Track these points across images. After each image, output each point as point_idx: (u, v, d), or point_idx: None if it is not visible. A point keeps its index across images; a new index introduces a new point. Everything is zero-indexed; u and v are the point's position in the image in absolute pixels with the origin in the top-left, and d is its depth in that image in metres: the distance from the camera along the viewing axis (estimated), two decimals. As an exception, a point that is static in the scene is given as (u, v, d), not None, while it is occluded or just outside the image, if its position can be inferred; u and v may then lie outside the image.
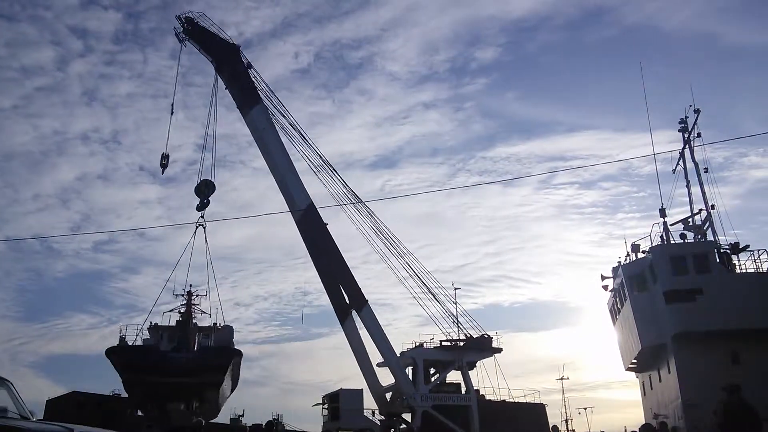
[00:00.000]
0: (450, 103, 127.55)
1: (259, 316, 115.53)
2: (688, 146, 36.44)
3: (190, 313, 44.07)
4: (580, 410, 51.06)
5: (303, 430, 51.41)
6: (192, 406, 34.22)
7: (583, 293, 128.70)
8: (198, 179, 36.72)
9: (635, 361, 36.51)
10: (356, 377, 39.22)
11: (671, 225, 34.98)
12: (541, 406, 42.64)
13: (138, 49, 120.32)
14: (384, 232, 40.33)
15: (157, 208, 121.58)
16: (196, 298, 44.59)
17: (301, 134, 38.44)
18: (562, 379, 51.97)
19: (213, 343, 37.44)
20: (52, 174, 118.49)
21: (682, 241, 33.85)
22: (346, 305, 39.25)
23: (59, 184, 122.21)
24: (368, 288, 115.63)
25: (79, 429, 6.00)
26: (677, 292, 30.55)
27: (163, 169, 37.23)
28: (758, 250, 32.20)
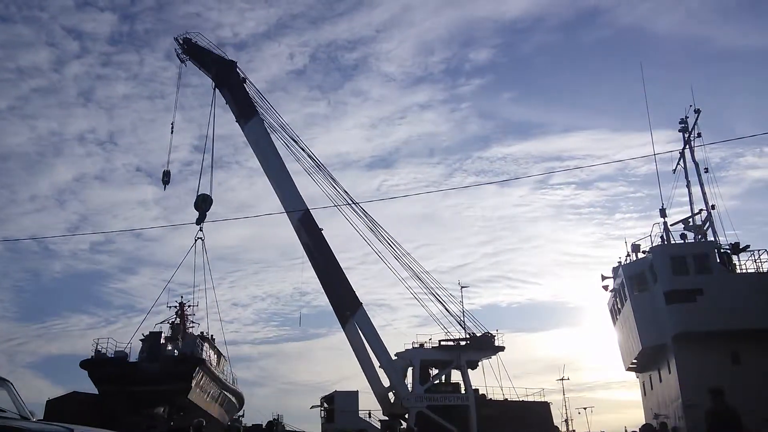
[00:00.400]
0: (446, 103, 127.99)
1: (257, 317, 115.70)
2: (688, 146, 36.46)
3: (183, 324, 44.93)
4: (580, 410, 51.15)
5: (303, 431, 51.44)
6: (169, 412, 34.79)
7: (581, 294, 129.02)
8: (197, 191, 38.08)
9: (635, 362, 36.49)
10: (354, 377, 39.51)
11: (671, 225, 35.02)
12: (546, 405, 42.54)
13: (134, 50, 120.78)
14: (382, 232, 41.08)
15: (154, 208, 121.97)
16: (189, 308, 46.23)
17: (298, 140, 40.20)
18: (562, 379, 52.04)
19: (177, 352, 38.51)
20: (49, 175, 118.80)
21: (683, 242, 33.85)
22: (347, 308, 40.14)
23: (56, 184, 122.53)
24: (366, 288, 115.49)
25: (79, 429, 5.98)
26: (678, 292, 30.53)
27: (165, 186, 38.90)
28: (758, 250, 32.24)
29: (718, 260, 31.80)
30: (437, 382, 43.30)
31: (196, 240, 37.05)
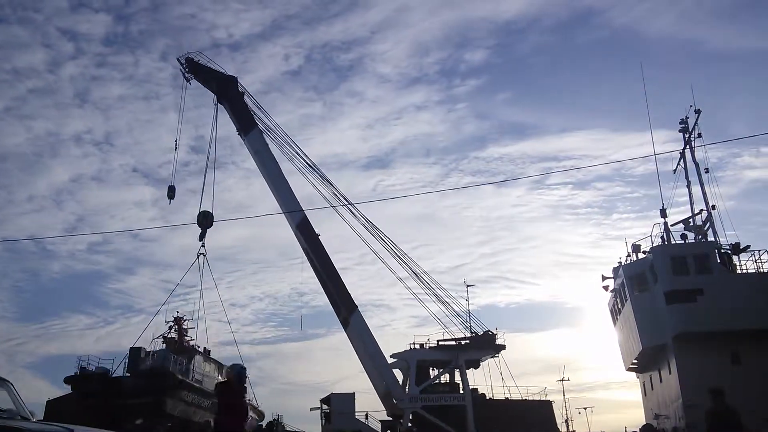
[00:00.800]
0: (441, 104, 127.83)
1: (255, 317, 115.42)
2: (688, 146, 36.46)
3: (182, 338, 45.62)
4: (580, 410, 51.08)
5: (303, 431, 51.43)
6: (147, 424, 35.84)
7: (580, 294, 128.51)
8: (199, 206, 39.37)
9: (636, 362, 36.49)
10: (353, 378, 40.01)
11: (672, 225, 35.02)
12: (548, 404, 42.44)
13: (128, 51, 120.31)
14: (380, 233, 41.96)
15: (151, 209, 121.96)
16: (186, 323, 46.58)
17: (298, 150, 41.84)
18: (562, 380, 51.94)
19: (148, 366, 39.46)
20: (47, 175, 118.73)
21: (683, 242, 33.85)
22: (343, 311, 41.15)
23: (53, 185, 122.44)
24: (365, 289, 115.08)
25: (79, 430, 5.97)
26: (678, 292, 30.54)
27: (170, 200, 40.24)
28: (759, 251, 32.25)
29: (719, 260, 31.81)
30: (436, 382, 43.40)
31: (198, 255, 38.77)
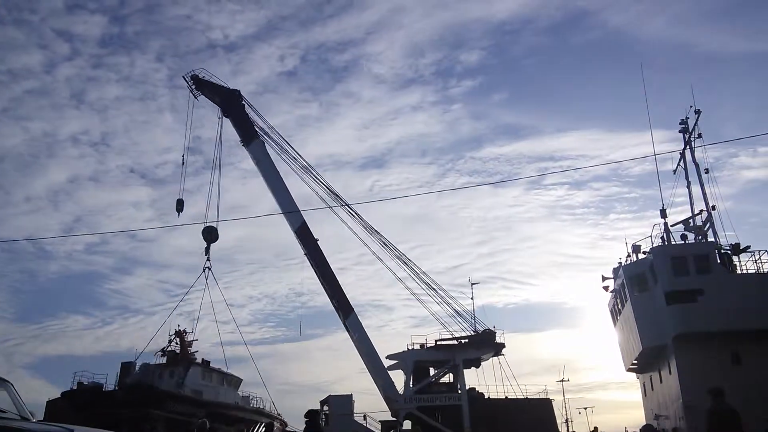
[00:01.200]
0: (437, 105, 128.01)
1: (253, 317, 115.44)
2: (688, 147, 36.42)
3: (185, 351, 46.73)
4: (580, 410, 51.13)
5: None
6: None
7: (577, 294, 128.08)
8: (205, 220, 41.26)
9: (636, 362, 36.46)
10: (352, 378, 40.30)
11: (672, 226, 34.98)
12: (548, 402, 42.36)
13: (124, 52, 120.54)
14: (379, 234, 42.71)
15: (148, 209, 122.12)
16: (188, 335, 47.67)
17: (297, 157, 43.95)
18: (562, 381, 51.97)
19: (131, 381, 41.07)
20: (43, 176, 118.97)
21: (683, 242, 33.82)
22: (344, 313, 42.20)
23: (50, 186, 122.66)
24: (363, 289, 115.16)
25: (79, 430, 5.96)
26: (678, 292, 30.52)
27: (179, 213, 41.66)
28: (759, 251, 32.20)
29: (719, 261, 31.77)
30: (433, 382, 43.48)
31: (204, 269, 41.34)
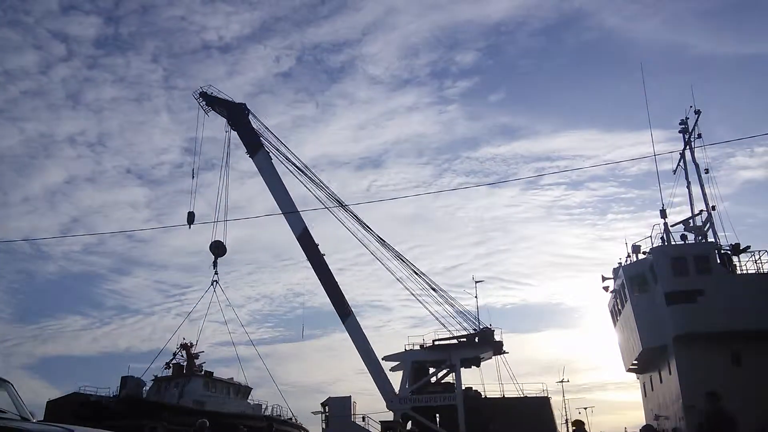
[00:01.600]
0: (433, 105, 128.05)
1: (252, 318, 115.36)
2: (688, 147, 36.43)
3: (192, 364, 47.27)
4: (580, 410, 51.02)
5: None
6: None
7: (575, 295, 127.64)
8: (212, 236, 43.00)
9: (636, 362, 36.45)
10: (351, 379, 40.64)
11: (672, 226, 34.98)
12: (545, 400, 42.26)
13: (119, 53, 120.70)
14: (378, 234, 43.26)
15: (145, 210, 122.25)
16: (193, 347, 48.33)
17: (299, 165, 45.71)
18: (562, 381, 51.85)
19: (124, 394, 41.90)
20: (40, 177, 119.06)
21: (683, 242, 33.81)
22: (343, 315, 42.68)
23: (47, 186, 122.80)
24: (361, 290, 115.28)
25: (79, 430, 5.96)
26: (678, 293, 30.49)
27: (190, 226, 42.14)
28: (759, 251, 32.19)
29: (719, 261, 31.76)
30: (434, 382, 43.52)
31: (212, 282, 43.14)
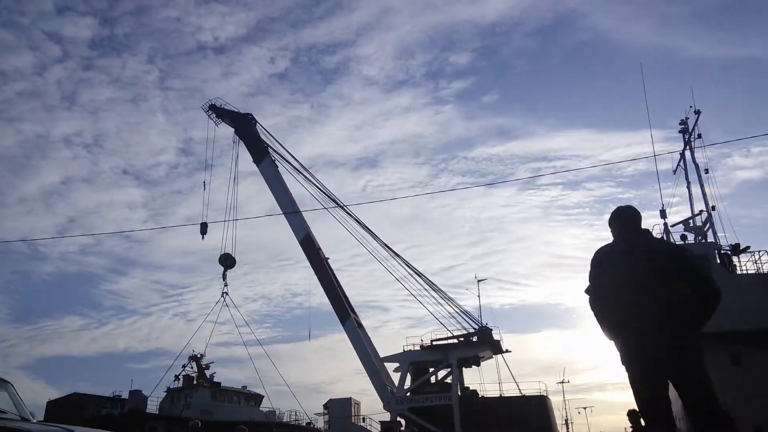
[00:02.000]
0: (428, 106, 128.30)
1: (250, 318, 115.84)
2: (688, 147, 36.42)
3: (203, 375, 47.82)
4: (580, 410, 51.14)
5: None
6: None
7: (574, 295, 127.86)
8: (221, 249, 44.50)
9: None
10: (350, 379, 40.80)
11: (671, 226, 34.97)
12: (543, 398, 42.23)
13: (115, 54, 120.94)
14: (377, 235, 43.62)
15: (141, 210, 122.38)
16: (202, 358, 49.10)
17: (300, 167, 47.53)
18: (562, 382, 51.93)
19: (126, 408, 42.13)
20: (37, 177, 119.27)
21: (683, 242, 33.79)
22: (352, 316, 43.12)
23: (44, 187, 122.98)
24: (358, 290, 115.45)
25: (79, 430, 5.96)
26: (678, 293, 30.45)
27: (203, 236, 43.48)
28: (759, 251, 32.18)
29: (719, 261, 31.75)
30: (433, 382, 43.60)
31: (222, 294, 44.66)
